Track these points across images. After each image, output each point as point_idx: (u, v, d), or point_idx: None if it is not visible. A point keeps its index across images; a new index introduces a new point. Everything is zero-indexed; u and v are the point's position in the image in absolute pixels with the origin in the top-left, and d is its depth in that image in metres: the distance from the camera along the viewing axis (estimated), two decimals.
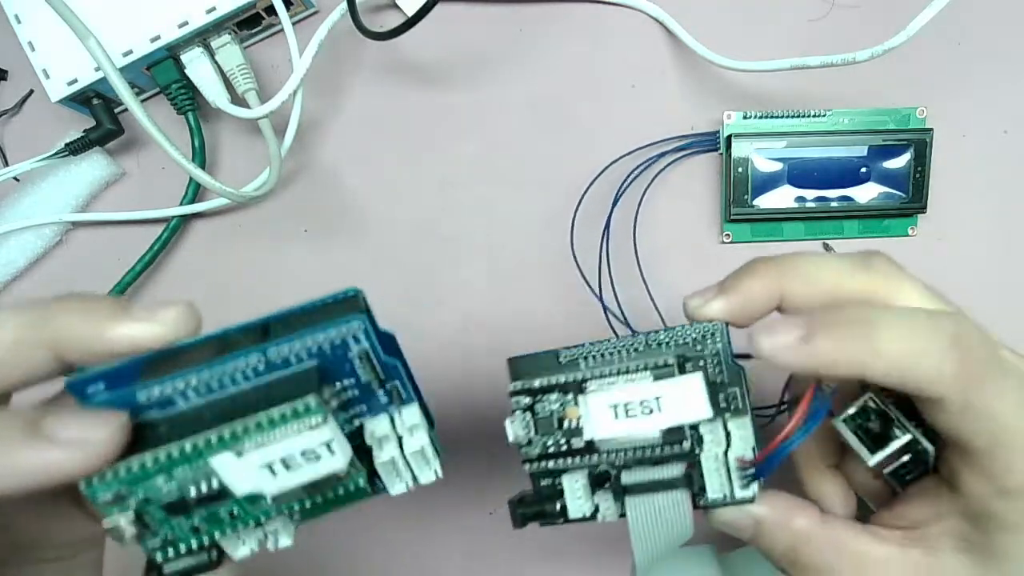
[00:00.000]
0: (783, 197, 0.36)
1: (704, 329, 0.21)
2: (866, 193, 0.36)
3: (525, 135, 0.38)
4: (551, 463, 0.22)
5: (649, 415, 0.20)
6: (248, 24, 0.37)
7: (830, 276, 0.21)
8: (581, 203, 0.37)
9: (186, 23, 0.35)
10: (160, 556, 0.19)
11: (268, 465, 0.18)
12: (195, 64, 0.36)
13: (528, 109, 0.38)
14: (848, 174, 0.36)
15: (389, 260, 0.39)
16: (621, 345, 0.21)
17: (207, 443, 0.17)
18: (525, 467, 0.22)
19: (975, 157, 0.37)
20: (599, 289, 0.36)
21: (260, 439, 0.17)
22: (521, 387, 0.22)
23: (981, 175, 0.37)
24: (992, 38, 0.37)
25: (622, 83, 0.38)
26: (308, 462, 0.18)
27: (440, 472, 0.20)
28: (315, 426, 0.17)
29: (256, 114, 0.35)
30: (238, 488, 0.18)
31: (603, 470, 0.21)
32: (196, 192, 0.38)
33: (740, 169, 0.36)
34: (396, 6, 0.38)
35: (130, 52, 0.35)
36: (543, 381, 0.22)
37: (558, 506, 0.21)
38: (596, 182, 0.37)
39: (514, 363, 0.23)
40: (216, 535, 0.19)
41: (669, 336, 0.21)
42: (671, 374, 0.20)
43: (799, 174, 0.36)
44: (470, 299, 0.38)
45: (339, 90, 0.39)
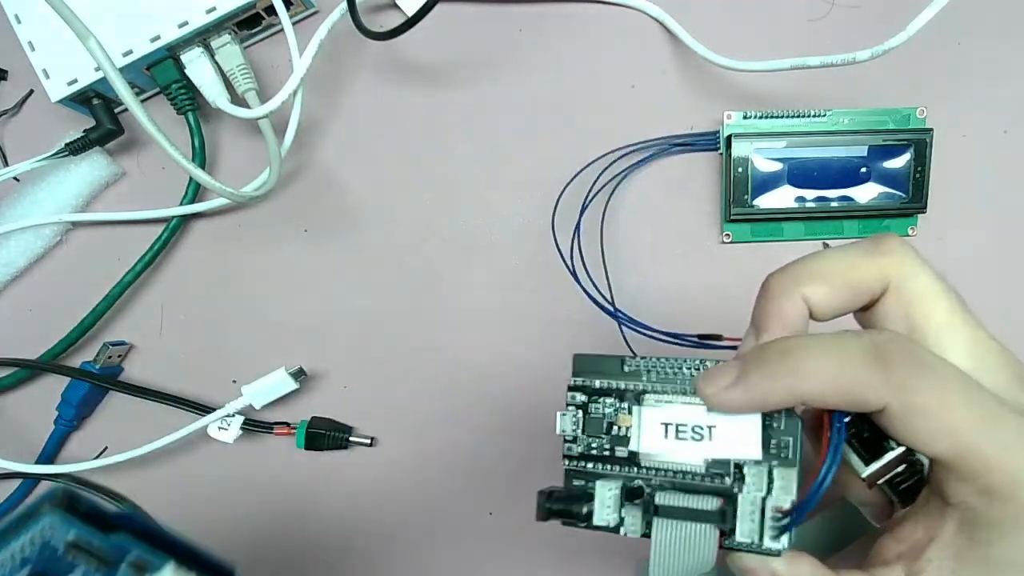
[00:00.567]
0: (783, 197, 0.36)
1: None
2: (866, 193, 0.36)
3: (525, 135, 0.38)
4: (590, 465, 0.22)
5: (699, 441, 0.20)
6: (248, 24, 0.37)
7: (844, 267, 0.21)
8: (578, 203, 0.37)
9: (186, 23, 0.35)
10: None
11: None
12: (195, 64, 0.36)
13: (528, 109, 0.38)
14: (848, 174, 0.36)
15: (389, 260, 0.39)
16: (686, 366, 0.22)
17: None
18: (564, 463, 0.22)
19: (975, 157, 0.37)
20: (599, 289, 0.36)
21: None
22: (580, 383, 0.22)
23: (981, 175, 0.37)
24: (992, 38, 0.37)
25: (622, 83, 0.38)
26: None
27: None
28: None
29: (256, 114, 0.35)
30: None
31: (638, 485, 0.21)
32: (196, 192, 0.38)
33: (740, 169, 0.36)
34: (396, 6, 0.38)
35: (130, 52, 0.35)
36: (603, 383, 0.22)
37: (585, 509, 0.21)
38: (595, 181, 0.37)
39: (579, 360, 0.23)
40: None
41: None
42: None
43: (799, 174, 0.36)
44: (470, 299, 0.38)
45: (339, 90, 0.39)
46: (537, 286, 0.38)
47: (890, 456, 0.20)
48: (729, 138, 0.36)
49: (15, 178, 0.39)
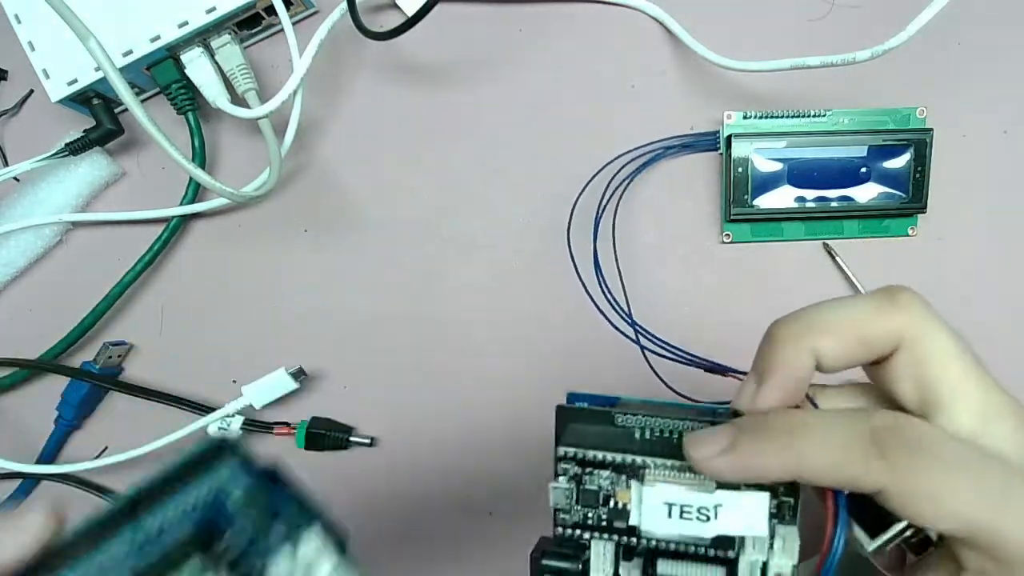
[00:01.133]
0: (783, 197, 0.36)
1: None
2: (866, 193, 0.36)
3: (525, 135, 0.38)
4: (586, 534, 0.21)
5: (705, 522, 0.20)
6: (248, 24, 0.37)
7: (856, 321, 0.20)
8: (579, 203, 0.37)
9: (186, 23, 0.35)
10: None
11: None
12: (195, 64, 0.36)
13: (528, 109, 0.38)
14: (848, 174, 0.36)
15: (389, 260, 0.39)
16: (681, 420, 0.21)
17: None
18: (558, 530, 0.21)
19: (975, 157, 0.37)
20: (596, 287, 0.36)
21: None
22: (573, 455, 0.21)
23: (981, 175, 0.37)
24: (992, 38, 0.37)
25: (622, 83, 0.38)
26: None
27: None
28: None
29: (256, 114, 0.35)
30: None
31: (635, 544, 0.21)
32: (196, 192, 0.38)
33: (740, 169, 0.36)
34: (396, 6, 0.38)
35: (130, 52, 0.35)
36: (597, 455, 0.21)
37: (580, 567, 0.21)
38: (595, 181, 0.37)
39: (564, 415, 0.21)
40: None
41: None
42: (736, 487, 0.20)
43: (799, 174, 0.36)
44: (470, 299, 0.38)
45: (339, 90, 0.39)
46: (537, 286, 0.38)
47: (895, 530, 0.19)
48: (729, 138, 0.36)
49: (15, 178, 0.39)
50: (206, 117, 0.38)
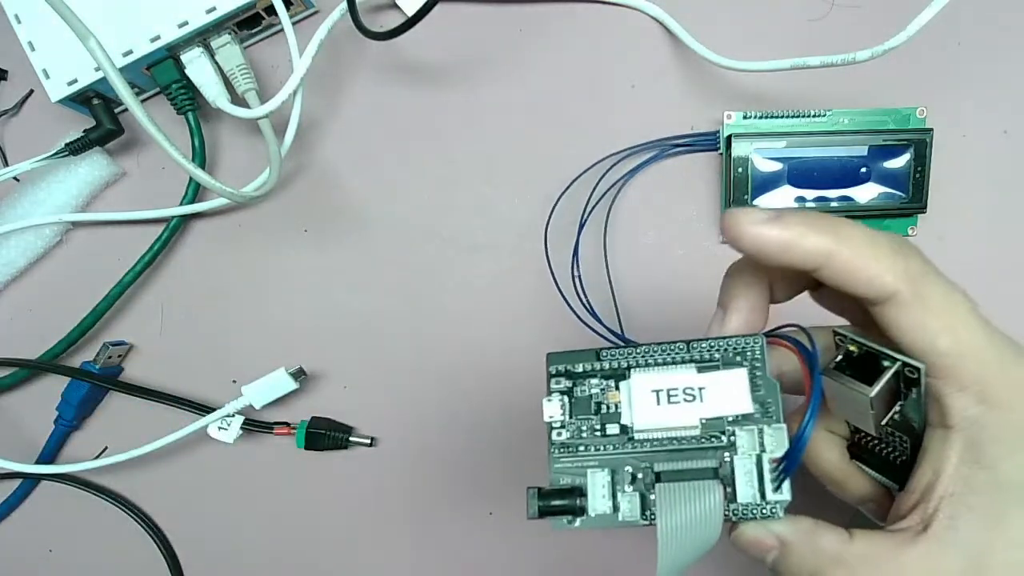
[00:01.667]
0: (783, 197, 0.36)
1: (743, 342, 0.21)
2: (866, 193, 0.36)
3: (525, 135, 0.38)
4: (581, 449, 0.21)
5: (691, 402, 0.21)
6: (248, 24, 0.37)
7: (870, 254, 0.21)
8: (578, 202, 0.37)
9: (186, 23, 0.35)
10: None
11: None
12: (195, 64, 0.36)
13: (528, 109, 0.38)
14: (848, 174, 0.36)
15: (389, 260, 0.39)
16: (660, 347, 0.22)
17: None
18: (550, 451, 0.22)
19: (975, 157, 0.37)
20: (594, 288, 0.36)
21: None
22: (563, 370, 0.22)
23: (981, 175, 0.37)
24: (992, 38, 0.37)
25: (622, 83, 0.38)
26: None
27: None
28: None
29: (256, 114, 0.35)
30: None
31: (630, 472, 0.21)
32: (196, 192, 0.38)
33: (740, 169, 0.36)
34: (396, 6, 0.38)
35: (130, 52, 0.35)
36: (586, 366, 0.22)
37: (579, 502, 0.21)
38: (595, 182, 0.37)
39: (553, 356, 0.22)
40: None
41: (708, 344, 0.22)
42: (715, 368, 0.21)
43: (799, 174, 0.36)
44: (470, 299, 0.38)
45: (339, 90, 0.39)
46: (537, 286, 0.38)
47: (890, 372, 0.20)
48: (729, 138, 0.36)
49: (15, 178, 0.39)
50: (206, 117, 0.38)
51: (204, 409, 0.38)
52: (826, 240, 0.20)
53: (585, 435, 0.22)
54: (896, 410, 0.21)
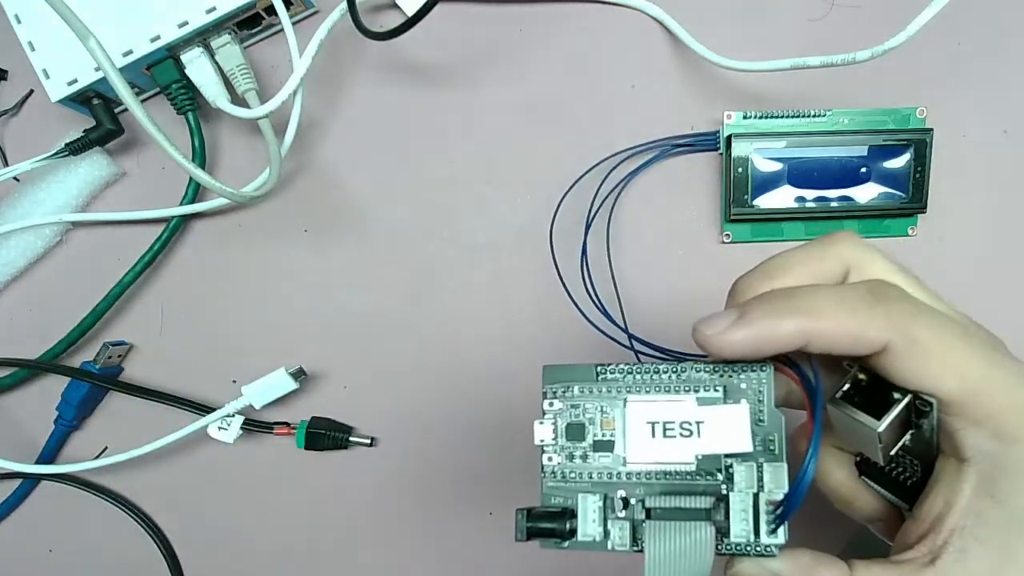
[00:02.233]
0: (783, 197, 0.36)
1: (750, 374, 0.20)
2: (866, 193, 0.36)
3: (525, 135, 0.38)
4: (572, 475, 0.21)
5: (688, 438, 0.20)
6: (248, 24, 0.37)
7: (806, 258, 0.21)
8: (579, 202, 0.37)
9: (186, 23, 0.35)
10: None
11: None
12: (195, 64, 0.36)
13: (528, 109, 0.38)
14: (848, 174, 0.36)
15: (389, 260, 0.39)
16: (660, 370, 0.21)
17: None
18: (542, 475, 0.21)
19: (975, 157, 0.37)
20: (593, 287, 0.36)
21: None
22: (558, 391, 0.21)
23: (981, 175, 0.37)
24: (992, 38, 0.37)
25: (622, 83, 0.38)
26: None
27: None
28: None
29: (256, 114, 0.35)
30: None
31: (622, 496, 0.21)
32: (196, 192, 0.38)
33: (740, 169, 0.36)
34: (396, 6, 0.38)
35: (130, 52, 0.35)
36: (582, 388, 0.21)
37: (568, 526, 0.20)
38: (594, 181, 0.37)
39: (550, 371, 0.22)
40: None
41: (712, 370, 0.21)
42: (716, 401, 0.20)
43: (799, 174, 0.36)
44: (470, 299, 0.38)
45: (339, 90, 0.39)
46: (537, 286, 0.38)
47: (900, 406, 0.19)
48: (729, 138, 0.36)
49: (15, 178, 0.39)
50: (206, 117, 0.38)
51: (204, 409, 0.38)
52: (795, 322, 0.19)
53: (577, 460, 0.21)
54: (906, 439, 0.21)
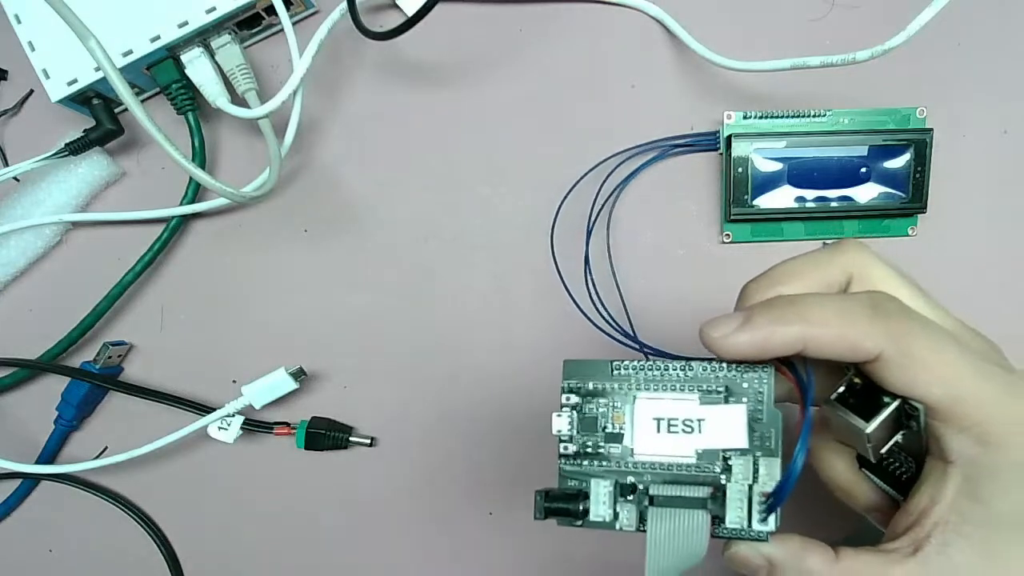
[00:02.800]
0: (783, 197, 0.36)
1: (752, 375, 0.22)
2: (866, 193, 0.36)
3: (525, 135, 0.38)
4: (585, 463, 0.23)
5: (689, 434, 0.22)
6: (248, 24, 0.37)
7: (811, 265, 0.23)
8: (578, 203, 0.37)
9: (186, 23, 0.35)
10: None
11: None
12: (195, 64, 0.36)
13: (528, 109, 0.38)
14: (848, 174, 0.36)
15: (389, 260, 0.39)
16: (671, 368, 0.23)
17: None
18: (559, 462, 0.23)
19: (975, 157, 0.37)
20: (593, 287, 0.36)
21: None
22: (574, 386, 0.23)
23: (981, 175, 0.37)
24: (992, 38, 0.37)
25: (622, 83, 0.38)
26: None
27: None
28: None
29: (256, 114, 0.35)
30: None
31: (631, 483, 0.23)
32: (196, 192, 0.38)
33: (740, 169, 0.36)
34: (396, 6, 0.38)
35: (130, 52, 0.35)
36: (596, 384, 0.23)
37: (581, 507, 0.22)
38: (593, 181, 0.37)
39: (569, 365, 0.24)
40: None
41: (718, 369, 0.22)
42: (718, 401, 0.22)
43: (799, 174, 0.36)
44: (470, 299, 0.38)
45: (339, 90, 0.39)
46: (536, 286, 0.38)
47: (889, 410, 0.21)
48: (729, 138, 0.36)
49: (15, 178, 0.39)
50: (206, 117, 0.38)
51: (204, 409, 0.38)
52: (796, 329, 0.20)
53: (590, 450, 0.23)
54: (897, 439, 0.22)
